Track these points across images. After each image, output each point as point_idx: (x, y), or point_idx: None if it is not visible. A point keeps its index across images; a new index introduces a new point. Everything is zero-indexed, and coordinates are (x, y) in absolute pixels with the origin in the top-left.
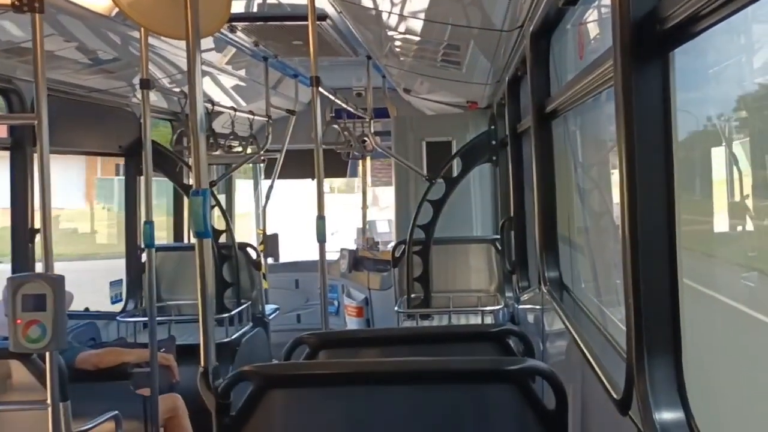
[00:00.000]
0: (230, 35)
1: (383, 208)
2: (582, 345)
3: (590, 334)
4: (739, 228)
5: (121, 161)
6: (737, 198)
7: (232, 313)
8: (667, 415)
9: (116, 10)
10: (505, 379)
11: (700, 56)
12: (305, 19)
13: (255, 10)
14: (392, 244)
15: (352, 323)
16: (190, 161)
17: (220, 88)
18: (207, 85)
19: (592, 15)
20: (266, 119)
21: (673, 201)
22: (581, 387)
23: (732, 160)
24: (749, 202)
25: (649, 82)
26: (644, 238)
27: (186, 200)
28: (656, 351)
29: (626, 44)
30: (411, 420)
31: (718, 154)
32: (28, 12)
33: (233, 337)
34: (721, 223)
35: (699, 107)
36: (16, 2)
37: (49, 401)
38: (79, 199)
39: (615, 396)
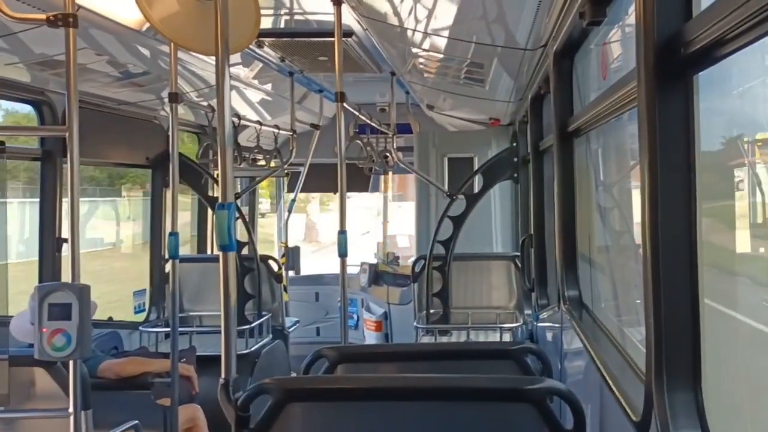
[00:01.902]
0: (257, 50)
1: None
2: (600, 365)
3: (609, 355)
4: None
5: None
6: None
7: (253, 325)
8: None
9: (147, 24)
10: (523, 399)
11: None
12: (331, 35)
13: (282, 26)
14: (412, 259)
15: (371, 337)
16: (216, 174)
17: (246, 102)
18: (234, 99)
19: (615, 35)
20: (291, 133)
21: (695, 222)
22: (599, 408)
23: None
24: None
25: (673, 104)
26: (665, 259)
27: (210, 212)
28: (676, 374)
29: (650, 66)
30: None
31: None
32: (62, 27)
33: (253, 349)
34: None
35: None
36: (51, 17)
37: (71, 409)
38: None
39: (633, 418)
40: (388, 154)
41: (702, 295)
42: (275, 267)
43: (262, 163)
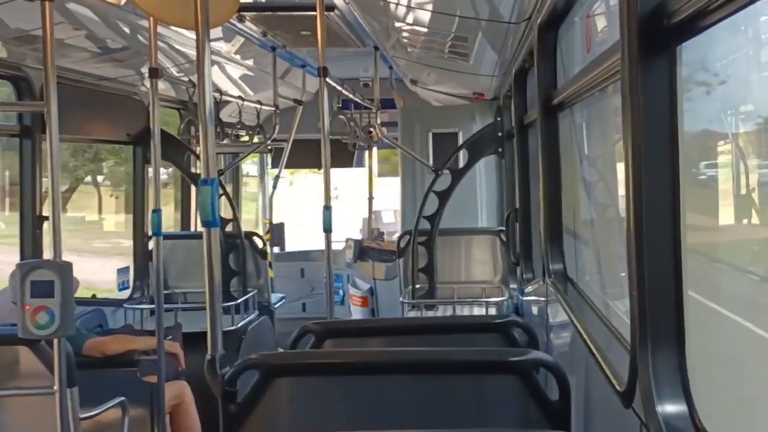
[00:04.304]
0: (239, 25)
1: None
2: (586, 337)
3: (594, 327)
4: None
5: None
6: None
7: (238, 301)
8: (670, 408)
9: None
10: (509, 371)
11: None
12: (313, 9)
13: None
14: (397, 234)
15: (357, 313)
16: (198, 150)
17: (227, 77)
18: (215, 75)
19: (599, 8)
20: (274, 109)
21: (679, 194)
22: (585, 379)
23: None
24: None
25: (656, 76)
26: (649, 231)
27: (193, 189)
28: (660, 344)
29: (633, 38)
30: (415, 409)
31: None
32: (39, 0)
33: (239, 326)
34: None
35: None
36: None
37: (56, 387)
38: None
39: (618, 388)
40: (372, 129)
41: (686, 266)
42: (260, 243)
43: (246, 139)
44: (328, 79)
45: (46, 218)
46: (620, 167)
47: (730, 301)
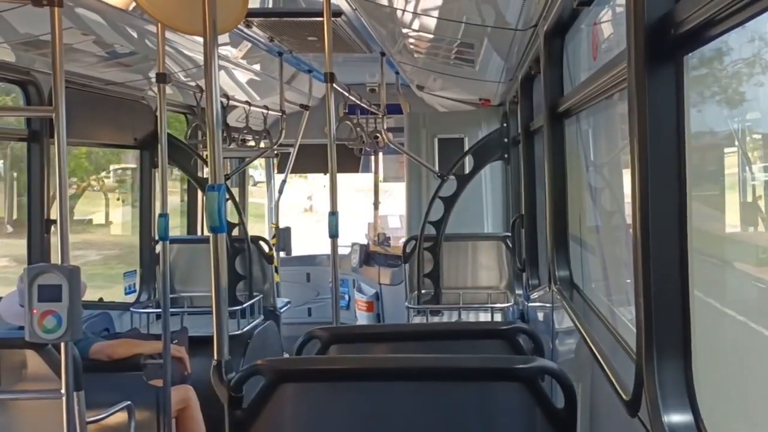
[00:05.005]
0: (246, 30)
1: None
2: (591, 345)
3: (600, 334)
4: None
5: None
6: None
7: (244, 305)
8: (676, 418)
9: (134, 4)
10: (514, 378)
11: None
12: (320, 15)
13: (271, 5)
14: (403, 239)
15: (362, 318)
16: (205, 155)
17: (234, 82)
18: (222, 80)
19: (606, 16)
20: (280, 114)
21: (685, 203)
22: (590, 387)
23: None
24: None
25: (663, 85)
26: (656, 239)
27: (200, 193)
28: (666, 352)
29: (640, 47)
30: (420, 416)
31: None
32: (47, 6)
33: (245, 330)
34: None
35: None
36: None
37: (63, 391)
38: None
39: (624, 397)
40: (378, 134)
41: (692, 275)
42: (266, 248)
43: (252, 144)
44: (334, 85)
45: (54, 222)
46: (627, 174)
47: (740, 305)
